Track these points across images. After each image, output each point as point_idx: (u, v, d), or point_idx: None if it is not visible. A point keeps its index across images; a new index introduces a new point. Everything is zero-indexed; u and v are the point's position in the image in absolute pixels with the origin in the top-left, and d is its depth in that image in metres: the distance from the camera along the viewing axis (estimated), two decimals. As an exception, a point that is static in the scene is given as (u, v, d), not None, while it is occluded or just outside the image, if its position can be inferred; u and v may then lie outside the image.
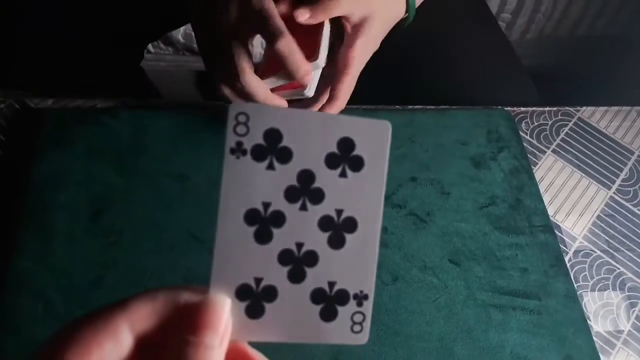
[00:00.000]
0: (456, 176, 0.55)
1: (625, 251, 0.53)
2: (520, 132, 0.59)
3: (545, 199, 0.55)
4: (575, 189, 0.57)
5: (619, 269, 0.52)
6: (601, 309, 0.50)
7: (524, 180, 0.55)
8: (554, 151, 0.59)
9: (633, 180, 0.58)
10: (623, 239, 0.54)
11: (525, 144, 0.59)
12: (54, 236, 0.48)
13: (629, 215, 0.56)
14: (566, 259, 0.52)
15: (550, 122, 0.61)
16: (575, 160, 0.59)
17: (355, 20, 0.47)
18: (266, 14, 0.44)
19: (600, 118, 0.62)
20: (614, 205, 0.56)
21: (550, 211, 0.54)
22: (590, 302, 0.50)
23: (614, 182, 0.58)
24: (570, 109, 0.63)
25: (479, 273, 0.49)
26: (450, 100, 0.61)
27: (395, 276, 0.49)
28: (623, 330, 0.49)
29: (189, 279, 0.47)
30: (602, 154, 0.60)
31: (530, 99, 0.65)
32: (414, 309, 0.47)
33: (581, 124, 0.62)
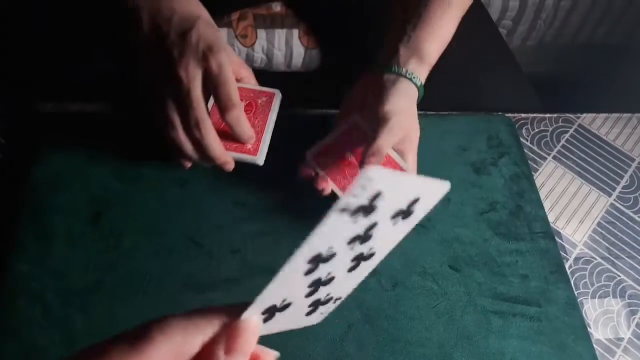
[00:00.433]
0: (457, 182, 0.55)
1: (626, 258, 0.53)
2: (520, 139, 0.59)
3: (546, 206, 0.55)
4: (576, 195, 0.57)
5: (619, 276, 0.52)
6: (601, 316, 0.49)
7: (524, 186, 0.55)
8: (554, 157, 0.59)
9: (634, 187, 0.58)
10: (623, 246, 0.54)
11: (525, 150, 0.59)
12: (53, 239, 0.48)
13: (630, 222, 0.55)
14: (566, 266, 0.51)
15: (550, 129, 0.61)
16: (575, 167, 0.59)
17: (399, 148, 0.49)
18: (222, 80, 0.44)
19: (601, 125, 0.62)
20: (615, 212, 0.56)
21: (550, 218, 0.54)
22: (591, 309, 0.50)
23: (614, 189, 0.58)
24: (571, 115, 0.63)
25: (479, 279, 0.49)
26: (451, 106, 0.61)
27: (395, 282, 0.48)
28: (623, 338, 0.49)
29: (188, 283, 0.47)
30: (603, 160, 0.59)
31: (530, 106, 0.65)
32: (413, 315, 0.47)
33: (582, 131, 0.62)
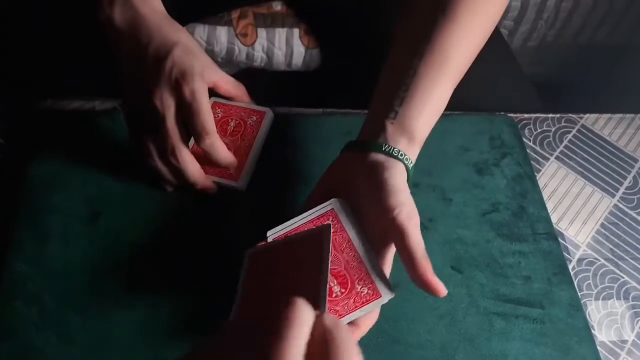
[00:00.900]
0: (459, 182, 0.54)
1: (630, 260, 0.52)
2: (523, 139, 0.59)
3: (549, 206, 0.54)
4: (579, 196, 0.56)
5: (623, 277, 0.51)
6: (605, 318, 0.49)
7: (527, 187, 0.55)
8: (557, 158, 0.59)
9: (637, 188, 0.57)
10: (627, 248, 0.53)
11: (528, 151, 0.58)
12: (50, 239, 0.48)
13: (633, 223, 0.55)
14: (570, 267, 0.51)
15: (553, 129, 0.61)
16: (578, 168, 0.58)
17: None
18: (194, 109, 0.44)
19: (604, 125, 0.62)
20: (618, 213, 0.55)
21: (553, 218, 0.54)
22: (594, 311, 0.49)
23: (617, 190, 0.57)
24: (574, 115, 0.62)
25: (481, 280, 0.48)
26: (452, 106, 0.60)
27: (396, 283, 0.47)
28: (627, 340, 0.48)
29: (187, 284, 0.46)
30: (606, 161, 0.59)
31: (532, 106, 0.64)
32: (414, 317, 0.46)
33: (584, 131, 0.61)
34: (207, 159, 0.48)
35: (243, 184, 0.49)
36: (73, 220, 0.49)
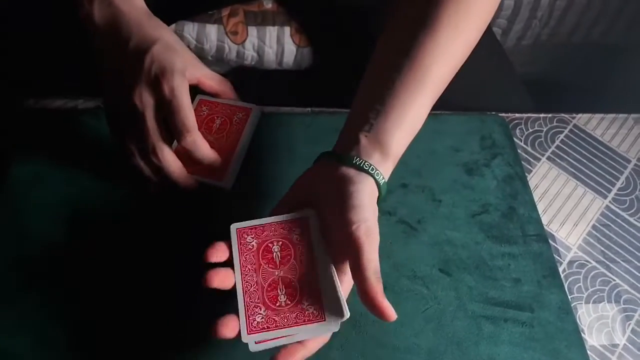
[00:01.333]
0: (448, 183, 0.53)
1: (621, 262, 0.52)
2: (514, 139, 0.58)
3: (540, 208, 0.53)
4: (570, 197, 0.55)
5: (614, 280, 0.51)
6: (596, 322, 0.48)
7: (517, 187, 0.54)
8: (548, 158, 0.58)
9: (629, 190, 0.57)
10: (619, 250, 0.52)
11: (519, 151, 0.57)
12: (30, 240, 0.47)
13: (625, 225, 0.54)
14: (560, 270, 0.50)
15: (545, 129, 0.60)
16: (570, 168, 0.57)
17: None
18: (174, 106, 0.43)
19: (596, 125, 0.61)
20: (610, 214, 0.55)
21: (544, 220, 0.53)
22: (585, 315, 0.48)
23: (609, 191, 0.56)
24: (566, 115, 0.61)
25: (470, 283, 0.48)
26: (443, 106, 0.60)
27: (384, 286, 0.47)
28: (618, 345, 0.47)
29: (176, 284, 0.45)
30: (598, 162, 0.58)
31: (524, 106, 0.64)
32: (402, 320, 0.45)
33: (577, 131, 0.60)
34: (191, 158, 0.47)
35: (228, 183, 0.48)
36: (55, 220, 0.48)
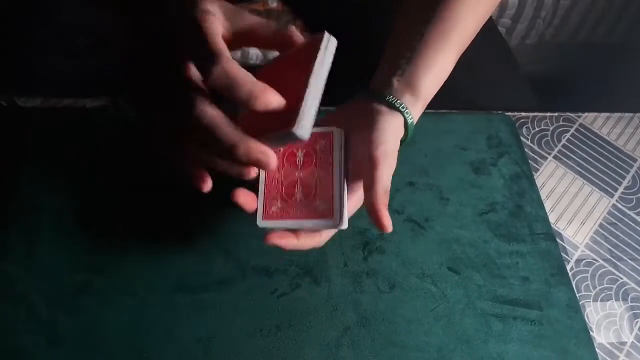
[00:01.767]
0: (455, 182, 0.54)
1: (628, 260, 0.52)
2: (521, 138, 0.58)
3: (547, 206, 0.54)
4: (577, 196, 0.55)
5: (622, 278, 0.51)
6: (604, 320, 0.48)
7: (524, 186, 0.54)
8: (555, 157, 0.58)
9: (636, 188, 0.57)
10: (626, 248, 0.53)
11: (526, 150, 0.57)
12: (39, 239, 0.47)
13: (632, 223, 0.54)
14: (568, 268, 0.50)
15: (551, 128, 0.60)
16: (577, 167, 0.57)
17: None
18: (203, 34, 0.36)
19: (602, 124, 0.61)
20: (617, 213, 0.55)
21: (551, 218, 0.53)
22: (593, 313, 0.48)
23: (616, 190, 0.56)
24: (572, 114, 0.62)
25: (478, 281, 0.48)
26: (449, 105, 0.60)
27: (393, 284, 0.47)
28: (626, 342, 0.47)
29: (179, 284, 0.46)
30: (605, 160, 0.58)
31: (530, 105, 0.64)
32: (411, 318, 0.45)
33: (583, 130, 0.60)
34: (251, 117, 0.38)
35: (302, 129, 0.34)
36: (62, 220, 0.48)
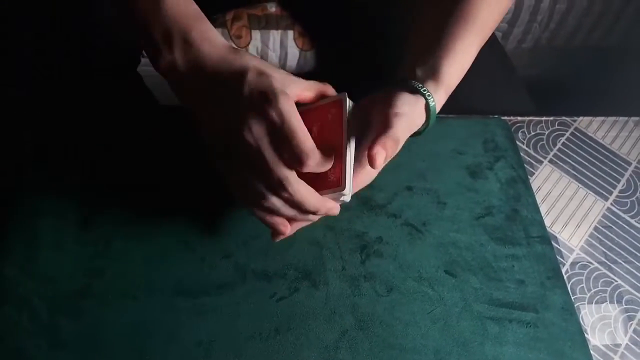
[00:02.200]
0: (452, 186, 0.54)
1: (623, 263, 0.53)
2: (517, 142, 0.59)
3: (542, 210, 0.54)
4: (573, 199, 0.56)
5: (616, 281, 0.51)
6: (598, 322, 0.49)
7: (520, 190, 0.55)
8: (550, 161, 0.59)
9: (630, 192, 0.57)
10: (621, 251, 0.53)
11: (522, 154, 0.58)
12: (40, 243, 0.47)
13: (627, 227, 0.55)
14: (563, 271, 0.51)
15: (547, 132, 0.61)
16: (572, 171, 0.58)
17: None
18: (288, 131, 0.38)
19: (597, 128, 0.62)
20: (612, 216, 0.56)
21: (547, 222, 0.54)
22: (588, 315, 0.49)
23: (611, 193, 0.57)
24: (567, 118, 0.62)
25: (475, 284, 0.48)
26: (446, 109, 0.60)
27: (390, 287, 0.48)
28: (620, 344, 0.48)
29: (179, 288, 0.46)
30: (599, 164, 0.59)
31: (526, 109, 0.64)
32: (408, 321, 0.46)
33: (578, 134, 0.61)
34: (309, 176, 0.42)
35: (347, 189, 0.41)
36: (64, 224, 0.48)
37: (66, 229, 0.48)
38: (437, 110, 0.45)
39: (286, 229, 0.43)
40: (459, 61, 0.47)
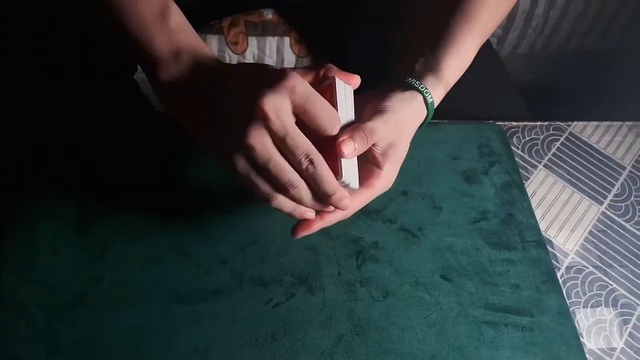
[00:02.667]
0: (448, 191, 0.54)
1: (618, 267, 0.53)
2: (511, 147, 0.59)
3: (537, 214, 0.55)
4: (567, 204, 0.57)
5: (611, 285, 0.52)
6: (594, 326, 0.49)
7: (515, 195, 0.55)
8: (545, 166, 0.59)
9: (625, 196, 0.58)
10: (615, 255, 0.54)
11: (516, 159, 0.58)
12: (38, 249, 0.47)
13: (621, 231, 0.55)
14: (558, 275, 0.51)
15: (541, 137, 0.61)
16: (566, 175, 0.59)
17: (384, 147, 0.43)
18: (291, 142, 0.37)
19: (592, 133, 0.62)
20: (606, 220, 0.56)
21: (542, 226, 0.54)
22: (583, 319, 0.49)
23: (605, 198, 0.58)
24: (562, 123, 0.63)
25: (470, 289, 0.49)
26: (441, 115, 0.61)
27: (386, 292, 0.48)
28: (616, 348, 0.48)
29: (176, 294, 0.46)
30: (594, 169, 0.59)
31: (520, 114, 0.65)
32: (405, 326, 0.46)
33: (572, 139, 0.62)
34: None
35: (345, 177, 0.40)
36: (61, 230, 0.48)
37: (63, 235, 0.48)
38: (436, 105, 0.47)
39: (312, 213, 0.42)
40: (459, 58, 0.48)
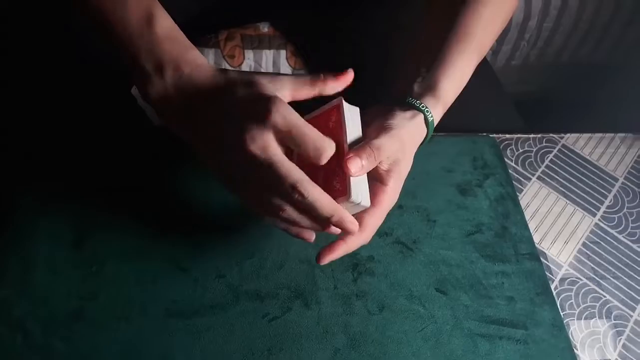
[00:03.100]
0: (442, 203, 0.55)
1: (612, 279, 0.53)
2: (505, 159, 0.60)
3: (531, 226, 0.55)
4: (561, 216, 0.57)
5: (605, 296, 0.52)
6: (588, 338, 0.49)
7: (509, 207, 0.55)
8: (539, 178, 0.60)
9: (618, 207, 0.58)
10: (609, 267, 0.54)
11: (510, 171, 0.59)
12: (34, 265, 0.48)
13: (614, 242, 0.56)
14: (552, 287, 0.52)
15: (535, 149, 0.62)
16: (560, 187, 0.59)
17: (389, 163, 0.44)
18: (297, 133, 0.37)
19: (585, 145, 0.63)
20: (599, 232, 0.56)
21: (535, 238, 0.54)
22: (577, 331, 0.50)
23: (598, 209, 0.58)
24: (555, 135, 0.63)
25: (465, 302, 0.49)
26: (435, 127, 0.61)
27: (382, 305, 0.48)
28: (610, 359, 0.49)
29: (173, 310, 0.46)
30: (587, 180, 0.60)
31: (514, 126, 0.65)
32: (400, 339, 0.46)
33: (565, 151, 0.62)
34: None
35: (354, 196, 0.40)
36: (58, 246, 0.49)
37: (60, 250, 0.48)
38: (435, 123, 0.48)
39: (311, 236, 0.43)
40: (456, 78, 0.49)
